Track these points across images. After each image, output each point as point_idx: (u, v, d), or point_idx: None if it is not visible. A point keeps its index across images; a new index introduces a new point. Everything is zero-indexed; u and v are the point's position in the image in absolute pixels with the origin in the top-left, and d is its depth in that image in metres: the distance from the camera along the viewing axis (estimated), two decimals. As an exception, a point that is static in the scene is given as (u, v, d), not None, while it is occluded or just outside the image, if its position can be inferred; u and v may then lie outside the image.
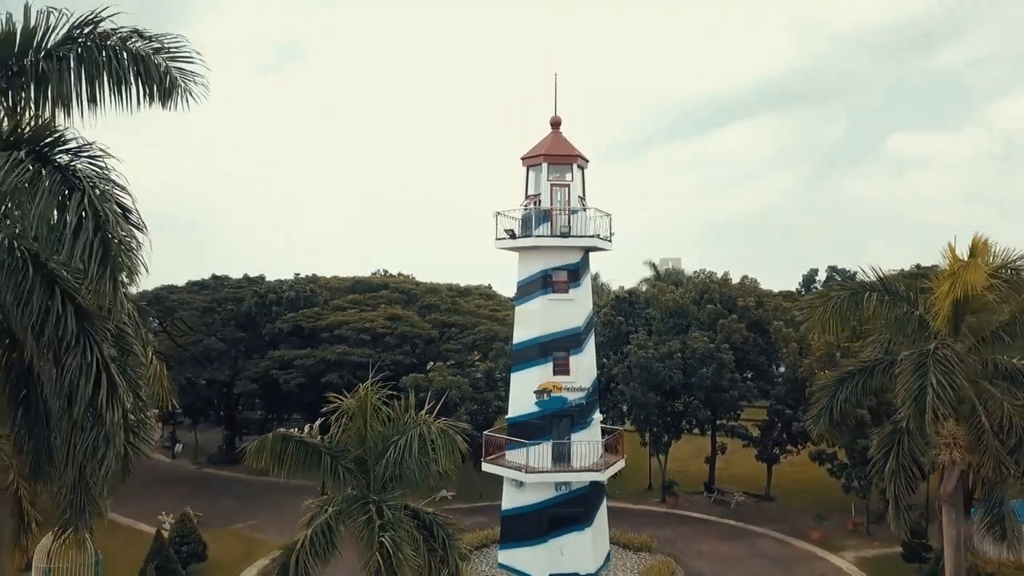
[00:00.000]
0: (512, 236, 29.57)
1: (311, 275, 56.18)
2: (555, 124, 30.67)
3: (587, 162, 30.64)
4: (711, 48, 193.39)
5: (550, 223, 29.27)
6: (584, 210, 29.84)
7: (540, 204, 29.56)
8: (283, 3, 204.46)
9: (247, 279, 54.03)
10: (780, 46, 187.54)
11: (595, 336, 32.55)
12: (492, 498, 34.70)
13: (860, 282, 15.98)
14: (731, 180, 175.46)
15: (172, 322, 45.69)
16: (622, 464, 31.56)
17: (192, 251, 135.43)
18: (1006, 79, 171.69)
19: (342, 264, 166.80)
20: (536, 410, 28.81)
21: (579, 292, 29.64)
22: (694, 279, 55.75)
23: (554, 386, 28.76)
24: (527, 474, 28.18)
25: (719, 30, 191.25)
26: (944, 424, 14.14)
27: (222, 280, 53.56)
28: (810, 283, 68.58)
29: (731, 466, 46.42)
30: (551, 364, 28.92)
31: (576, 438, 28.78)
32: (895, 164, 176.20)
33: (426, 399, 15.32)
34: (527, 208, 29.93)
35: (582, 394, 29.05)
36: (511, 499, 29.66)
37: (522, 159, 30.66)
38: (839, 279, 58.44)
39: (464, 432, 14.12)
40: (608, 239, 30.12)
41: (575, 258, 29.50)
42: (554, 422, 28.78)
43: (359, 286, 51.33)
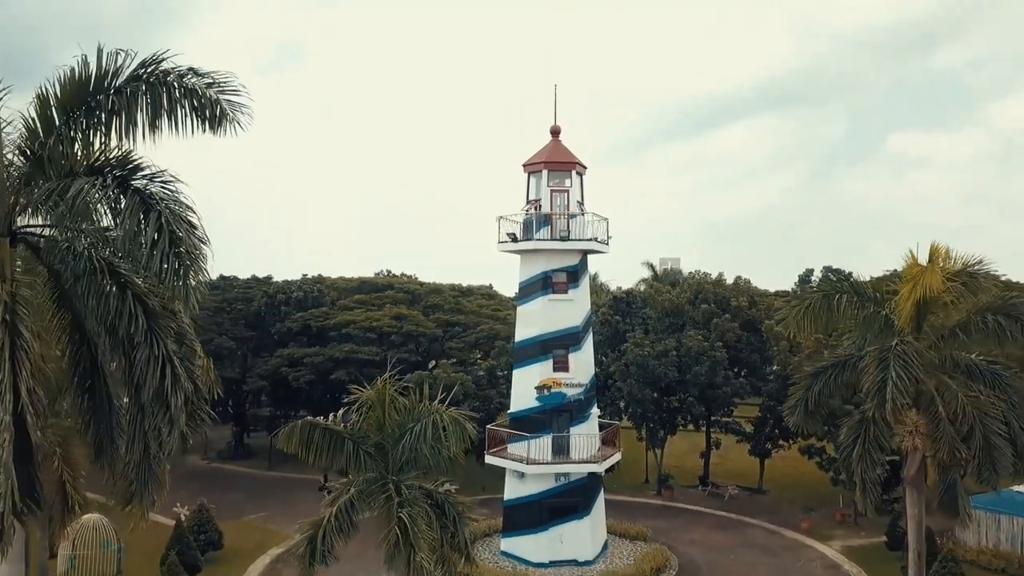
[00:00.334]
0: (514, 239, 31.05)
1: (317, 275, 57.63)
2: (555, 132, 32.17)
3: (585, 169, 32.14)
4: (711, 48, 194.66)
5: (550, 227, 30.79)
6: (582, 214, 31.33)
7: (540, 209, 31.09)
8: (283, 3, 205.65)
9: (255, 279, 55.47)
10: (780, 46, 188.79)
11: (593, 335, 34.09)
12: (494, 491, 36.15)
13: (832, 285, 17.52)
14: (731, 180, 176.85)
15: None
16: (618, 457, 33.07)
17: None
18: (1006, 79, 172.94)
19: (342, 264, 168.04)
20: (537, 405, 30.33)
21: (578, 293, 31.15)
22: (689, 280, 57.18)
23: (554, 382, 30.25)
24: (528, 466, 29.70)
25: (719, 30, 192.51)
26: (906, 413, 15.67)
27: (230, 280, 54.98)
28: (806, 283, 69.99)
29: (725, 461, 47.95)
30: (551, 361, 30.45)
31: (575, 432, 30.28)
32: (895, 164, 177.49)
33: (437, 393, 16.83)
34: (528, 212, 31.43)
35: (580, 390, 30.56)
36: (513, 490, 31.16)
37: (523, 166, 32.16)
38: (834, 279, 59.98)
39: (472, 419, 15.64)
40: (605, 242, 31.64)
41: (574, 260, 31.00)
42: (554, 416, 30.30)
43: (365, 286, 52.85)
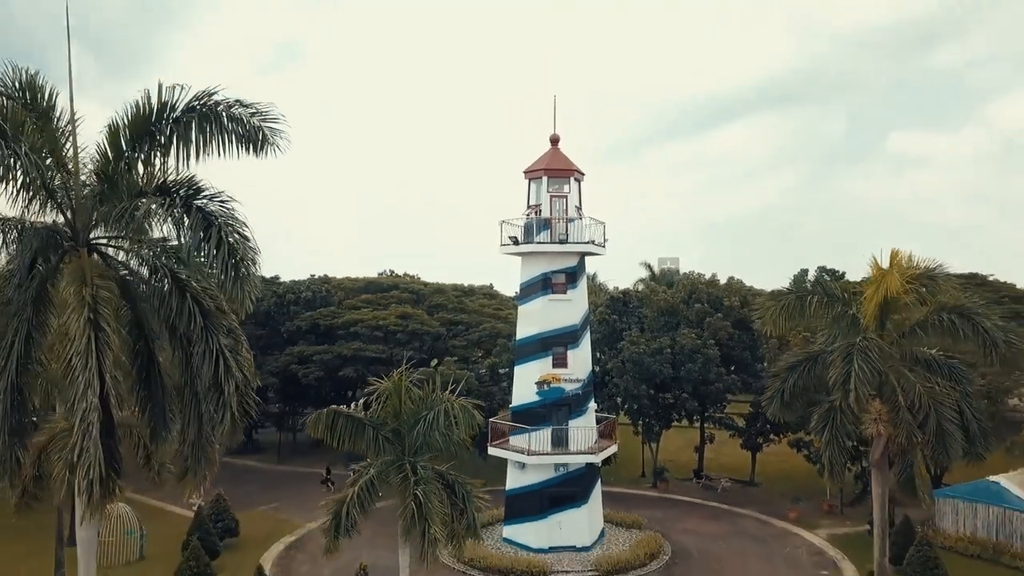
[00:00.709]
0: (515, 242, 32.79)
1: (323, 275, 59.35)
2: (554, 141, 33.90)
3: (583, 175, 33.87)
4: (711, 48, 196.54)
5: (550, 231, 32.53)
6: (580, 219, 33.06)
7: (540, 213, 32.82)
8: (283, 3, 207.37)
9: (262, 279, 57.06)
10: (780, 46, 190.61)
11: (591, 333, 35.84)
12: (495, 484, 37.84)
13: (805, 287, 19.23)
14: (731, 180, 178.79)
15: None
16: (615, 448, 34.81)
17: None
18: (1006, 79, 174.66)
19: (342, 264, 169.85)
20: (537, 399, 32.05)
21: (576, 293, 32.90)
22: (683, 280, 58.89)
23: (553, 378, 31.99)
24: (529, 456, 31.46)
25: (719, 30, 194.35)
26: (871, 403, 17.38)
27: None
28: (800, 284, 71.69)
29: (720, 455, 49.75)
30: (551, 358, 32.20)
31: (573, 424, 32.03)
32: (895, 164, 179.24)
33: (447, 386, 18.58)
34: (529, 217, 33.17)
35: (578, 385, 32.31)
36: (514, 479, 32.91)
37: (524, 172, 33.89)
38: (828, 279, 61.68)
39: (479, 407, 17.39)
40: (602, 245, 33.38)
41: (572, 262, 32.74)
42: (553, 410, 32.04)
43: (371, 286, 54.59)
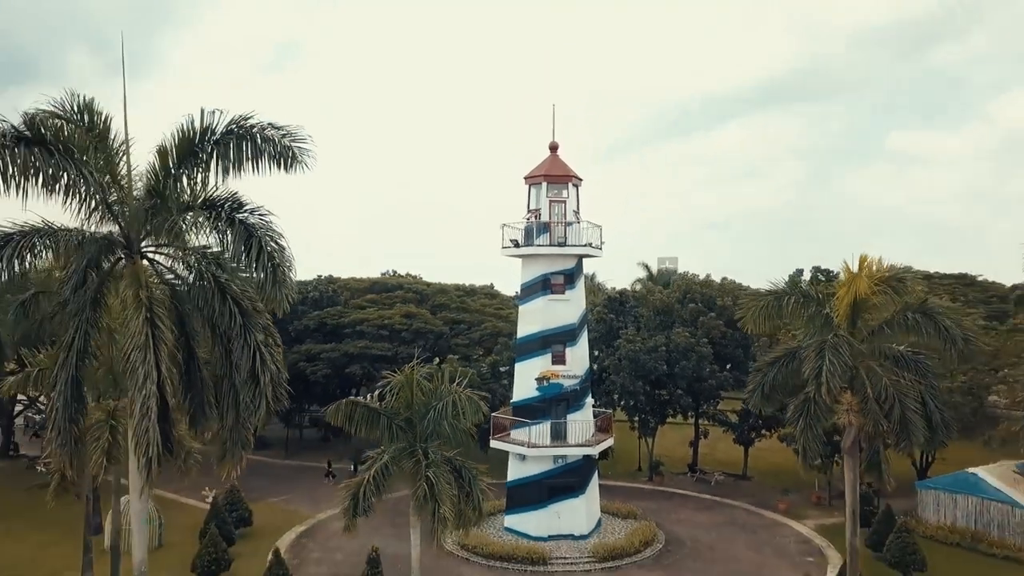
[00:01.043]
0: (516, 245, 34.42)
1: (329, 276, 60.95)
2: (553, 148, 35.51)
3: (581, 181, 35.48)
4: (711, 48, 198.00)
5: (549, 234, 34.15)
6: (578, 223, 34.68)
7: (540, 217, 34.43)
8: (283, 3, 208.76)
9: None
10: (780, 46, 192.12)
11: (589, 331, 37.47)
12: (497, 477, 39.42)
13: (783, 288, 20.85)
14: (731, 179, 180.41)
15: None
16: (611, 441, 36.43)
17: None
18: (1006, 77, 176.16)
19: (342, 264, 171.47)
20: (537, 395, 33.67)
21: (574, 293, 34.52)
22: (678, 280, 60.50)
23: (552, 374, 33.61)
24: (529, 449, 33.07)
25: (719, 30, 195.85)
26: (843, 395, 19.01)
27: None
28: (795, 284, 73.18)
29: (714, 451, 51.44)
30: (550, 355, 33.83)
31: (571, 418, 33.66)
32: (895, 162, 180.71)
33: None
34: (529, 221, 34.79)
35: (576, 381, 33.93)
36: (516, 471, 34.52)
37: (525, 178, 35.50)
38: (823, 279, 63.18)
39: (483, 398, 19.03)
40: (599, 247, 35.00)
41: (570, 264, 34.36)
42: (552, 405, 33.68)
43: (376, 287, 56.22)
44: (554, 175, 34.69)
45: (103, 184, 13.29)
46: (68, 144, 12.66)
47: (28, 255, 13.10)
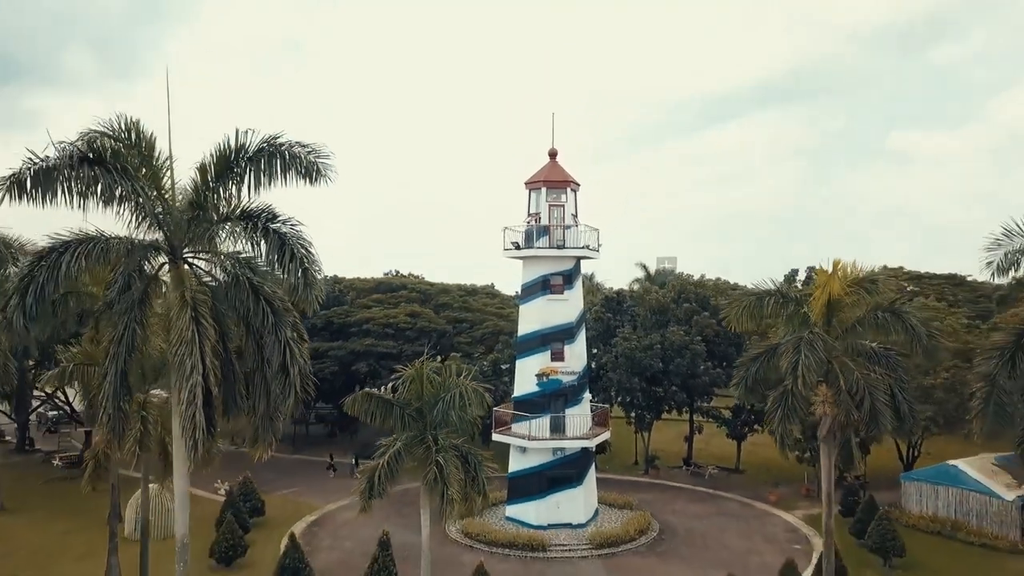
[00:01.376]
0: (517, 247, 36.08)
1: (335, 276, 62.57)
2: (552, 155, 37.16)
3: (579, 186, 37.14)
4: (711, 48, 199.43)
5: (548, 237, 35.82)
6: (576, 226, 36.34)
7: (540, 221, 36.10)
8: (283, 3, 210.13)
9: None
10: (780, 45, 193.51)
11: (586, 330, 39.13)
12: (498, 469, 41.18)
13: (764, 289, 22.52)
14: (731, 178, 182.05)
15: None
16: (607, 435, 38.09)
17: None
18: (1007, 76, 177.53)
19: (342, 264, 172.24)
20: (537, 390, 35.34)
21: (572, 293, 36.18)
22: (673, 280, 62.15)
23: (552, 370, 35.25)
24: (530, 441, 34.75)
25: (719, 30, 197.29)
26: (818, 387, 20.71)
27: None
28: (791, 283, 74.97)
29: (709, 446, 53.12)
30: (549, 352, 35.50)
31: (570, 412, 35.33)
32: (895, 161, 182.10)
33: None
34: (529, 224, 36.45)
35: (574, 377, 35.59)
36: (516, 463, 36.17)
37: (525, 183, 37.15)
38: (816, 279, 64.99)
39: (488, 390, 20.74)
40: (596, 249, 36.66)
41: (569, 265, 36.02)
42: (552, 400, 35.35)
43: (381, 286, 57.88)
44: (553, 180, 36.34)
45: (150, 196, 14.95)
46: (122, 162, 14.30)
47: (84, 260, 14.73)
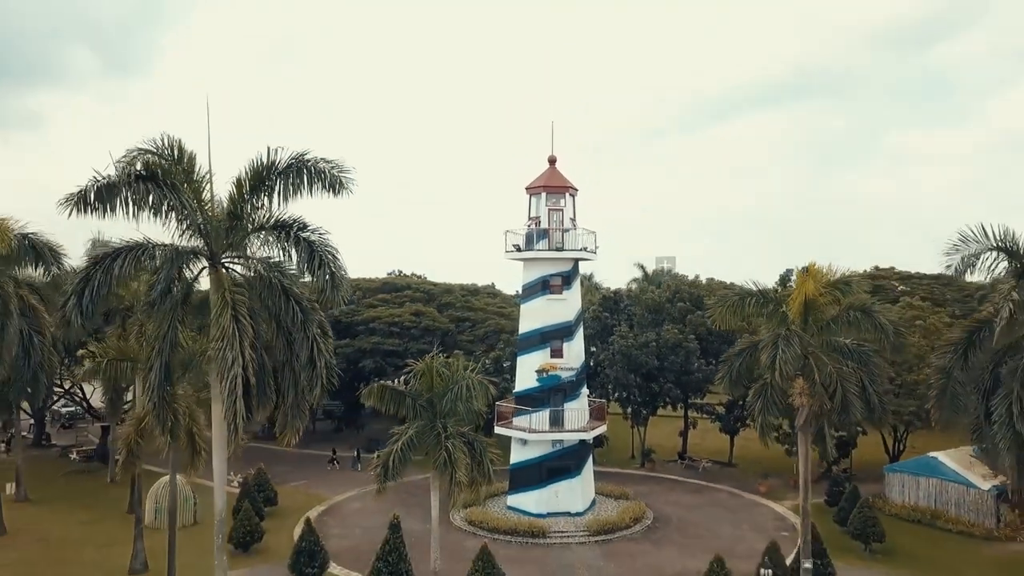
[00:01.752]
0: (518, 249, 37.95)
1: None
2: (552, 161, 39.00)
3: (577, 191, 38.99)
4: (711, 48, 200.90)
5: (547, 239, 37.68)
6: (574, 229, 38.18)
7: (539, 224, 37.95)
8: (283, 3, 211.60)
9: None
10: (780, 45, 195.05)
11: (584, 328, 40.97)
12: (500, 462, 42.94)
13: (746, 290, 24.37)
14: (730, 178, 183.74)
15: None
16: (604, 428, 39.95)
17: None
18: (1006, 75, 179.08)
19: (342, 264, 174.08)
20: (537, 385, 37.21)
21: (570, 293, 38.04)
22: (668, 280, 64.06)
23: (551, 366, 37.11)
24: (530, 434, 36.61)
25: (719, 30, 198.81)
26: (795, 380, 22.60)
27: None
28: (786, 283, 76.75)
29: (704, 441, 54.99)
30: (548, 349, 37.36)
31: (568, 407, 37.18)
32: (895, 160, 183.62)
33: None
34: (529, 227, 38.31)
35: (573, 373, 37.45)
36: (518, 454, 38.02)
37: (526, 188, 39.00)
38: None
39: (492, 383, 22.65)
40: (593, 251, 38.51)
41: (567, 267, 37.88)
42: (551, 394, 37.22)
43: (387, 286, 59.68)
44: (552, 186, 38.19)
45: (194, 208, 16.79)
46: (172, 179, 16.15)
47: (134, 266, 16.58)
